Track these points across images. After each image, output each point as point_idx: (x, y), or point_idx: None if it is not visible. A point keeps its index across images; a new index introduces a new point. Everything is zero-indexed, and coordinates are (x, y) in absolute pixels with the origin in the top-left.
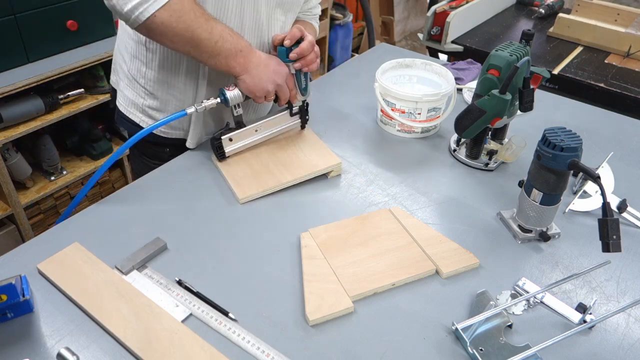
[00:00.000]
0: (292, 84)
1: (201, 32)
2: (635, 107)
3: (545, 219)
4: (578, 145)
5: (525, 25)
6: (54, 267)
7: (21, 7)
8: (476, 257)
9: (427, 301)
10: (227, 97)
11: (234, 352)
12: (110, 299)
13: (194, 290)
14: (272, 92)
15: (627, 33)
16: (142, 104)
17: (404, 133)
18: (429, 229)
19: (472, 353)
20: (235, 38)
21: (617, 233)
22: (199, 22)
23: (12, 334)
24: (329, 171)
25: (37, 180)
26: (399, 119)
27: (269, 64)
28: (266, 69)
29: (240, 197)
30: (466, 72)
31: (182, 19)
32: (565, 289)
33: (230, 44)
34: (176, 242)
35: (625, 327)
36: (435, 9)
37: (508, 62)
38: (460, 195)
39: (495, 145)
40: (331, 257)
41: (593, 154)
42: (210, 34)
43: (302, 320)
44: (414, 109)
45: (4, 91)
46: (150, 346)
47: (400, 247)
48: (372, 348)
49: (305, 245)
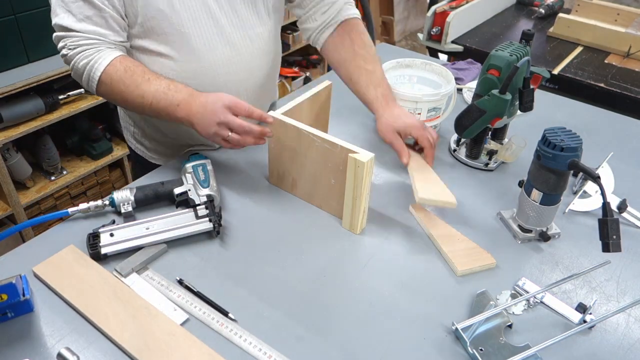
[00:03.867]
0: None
1: (134, 98)
2: (635, 107)
3: (545, 219)
4: (578, 145)
5: (525, 25)
6: (49, 269)
7: (21, 7)
8: (493, 257)
9: (427, 301)
10: (114, 198)
11: (234, 354)
12: (107, 302)
13: (194, 290)
14: (222, 133)
15: (627, 33)
16: (133, 131)
17: None
18: (446, 226)
19: (472, 353)
20: (170, 94)
21: (617, 233)
22: (129, 90)
23: (12, 333)
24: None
25: (37, 180)
26: None
27: (207, 106)
28: (205, 112)
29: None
30: (466, 72)
31: (113, 91)
32: (565, 289)
33: (166, 102)
34: (176, 242)
35: (625, 327)
36: (435, 9)
37: (508, 62)
38: (460, 195)
39: (495, 145)
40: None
41: (593, 154)
42: (143, 99)
43: (302, 320)
44: (414, 109)
45: (4, 91)
46: (148, 348)
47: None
48: (372, 348)
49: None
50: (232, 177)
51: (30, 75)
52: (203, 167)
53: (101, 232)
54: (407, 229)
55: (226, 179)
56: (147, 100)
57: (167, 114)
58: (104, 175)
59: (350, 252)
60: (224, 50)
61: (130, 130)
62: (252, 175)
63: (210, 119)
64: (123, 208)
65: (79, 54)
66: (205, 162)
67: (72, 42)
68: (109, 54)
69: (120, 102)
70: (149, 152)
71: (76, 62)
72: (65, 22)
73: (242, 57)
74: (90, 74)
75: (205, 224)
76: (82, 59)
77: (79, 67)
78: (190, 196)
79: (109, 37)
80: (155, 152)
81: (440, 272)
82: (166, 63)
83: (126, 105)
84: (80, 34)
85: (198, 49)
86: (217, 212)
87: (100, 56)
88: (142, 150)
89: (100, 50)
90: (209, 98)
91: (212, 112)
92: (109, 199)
